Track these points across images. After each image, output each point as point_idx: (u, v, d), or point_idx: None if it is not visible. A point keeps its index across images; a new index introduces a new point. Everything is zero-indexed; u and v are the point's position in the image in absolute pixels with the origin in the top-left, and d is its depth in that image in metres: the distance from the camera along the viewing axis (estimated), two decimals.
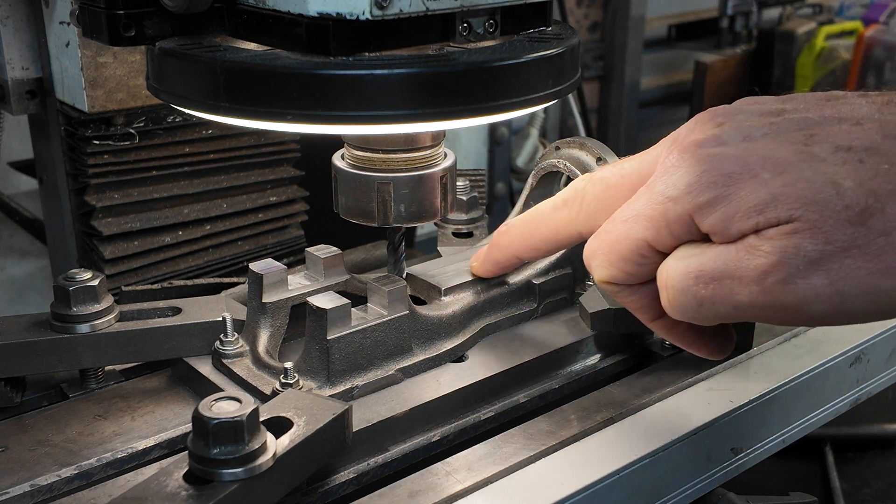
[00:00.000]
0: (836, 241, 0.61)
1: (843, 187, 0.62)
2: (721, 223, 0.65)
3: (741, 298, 0.64)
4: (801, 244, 0.62)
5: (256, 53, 0.74)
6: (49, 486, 0.77)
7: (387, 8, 0.69)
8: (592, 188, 0.79)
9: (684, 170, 0.67)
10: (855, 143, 0.64)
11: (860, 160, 0.63)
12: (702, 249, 0.67)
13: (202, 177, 1.24)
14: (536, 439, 0.83)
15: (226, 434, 0.64)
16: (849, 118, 0.66)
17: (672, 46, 2.96)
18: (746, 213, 0.63)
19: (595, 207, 0.79)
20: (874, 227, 0.61)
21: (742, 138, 0.67)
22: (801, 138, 0.66)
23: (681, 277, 0.67)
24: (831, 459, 1.15)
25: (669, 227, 0.68)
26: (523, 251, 0.90)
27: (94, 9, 0.76)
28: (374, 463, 0.80)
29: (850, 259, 0.61)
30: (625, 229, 0.71)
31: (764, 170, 0.64)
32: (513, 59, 0.75)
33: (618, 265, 0.72)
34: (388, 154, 0.85)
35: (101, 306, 0.87)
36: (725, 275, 0.65)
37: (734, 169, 0.65)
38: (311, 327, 0.82)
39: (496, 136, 2.06)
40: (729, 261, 0.64)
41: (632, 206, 0.71)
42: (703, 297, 0.66)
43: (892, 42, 2.59)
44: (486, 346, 0.94)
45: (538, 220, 0.86)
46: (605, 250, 0.73)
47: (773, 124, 0.68)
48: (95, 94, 1.12)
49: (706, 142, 0.68)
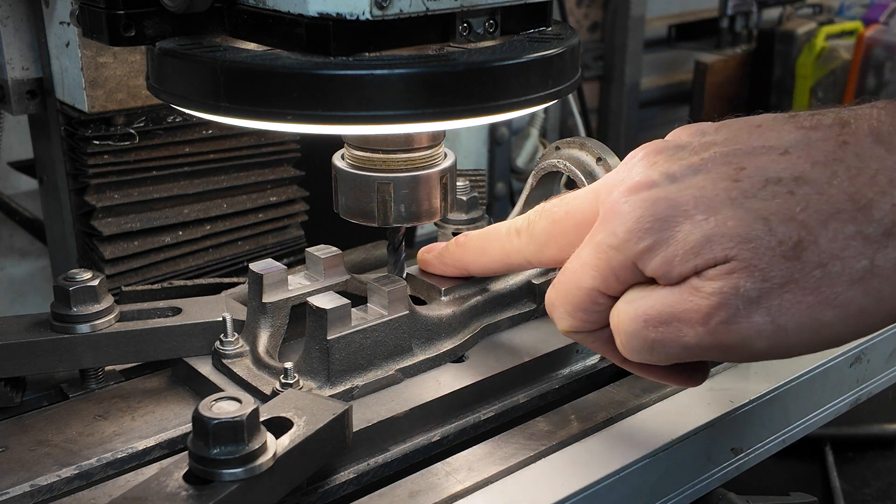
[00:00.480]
0: (772, 278, 0.62)
1: (773, 223, 0.62)
2: (662, 268, 0.66)
3: (688, 340, 0.65)
4: (740, 283, 0.62)
5: (256, 53, 0.74)
6: (49, 486, 0.77)
7: (387, 8, 0.69)
8: (540, 221, 0.82)
9: (622, 217, 0.68)
10: (784, 174, 0.64)
11: (790, 192, 0.63)
12: (648, 292, 0.68)
13: (202, 177, 1.24)
14: (536, 439, 0.83)
15: (226, 434, 0.64)
16: (777, 147, 0.66)
17: (672, 46, 2.96)
18: (684, 257, 0.64)
19: (542, 240, 0.82)
20: (809, 260, 0.62)
21: (673, 179, 0.68)
22: (730, 173, 0.66)
23: (630, 321, 0.69)
24: (831, 459, 1.15)
25: (615, 275, 0.70)
26: (473, 267, 0.93)
27: (94, 9, 0.76)
28: (374, 463, 0.80)
29: (789, 294, 0.62)
30: (575, 279, 0.73)
31: (697, 210, 0.65)
32: (513, 60, 0.75)
33: (575, 314, 0.75)
34: (388, 154, 0.85)
35: (101, 306, 0.87)
36: (672, 317, 0.66)
37: (668, 212, 0.66)
38: (311, 327, 0.82)
39: (496, 136, 2.06)
40: (674, 303, 0.66)
41: (579, 256, 0.73)
42: (654, 339, 0.67)
43: (892, 42, 2.59)
44: (486, 346, 0.94)
45: (492, 241, 0.89)
46: (561, 301, 0.75)
47: (703, 160, 0.68)
48: (95, 94, 1.12)
49: (640, 186, 0.69)
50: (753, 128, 0.70)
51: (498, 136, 2.06)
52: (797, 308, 0.62)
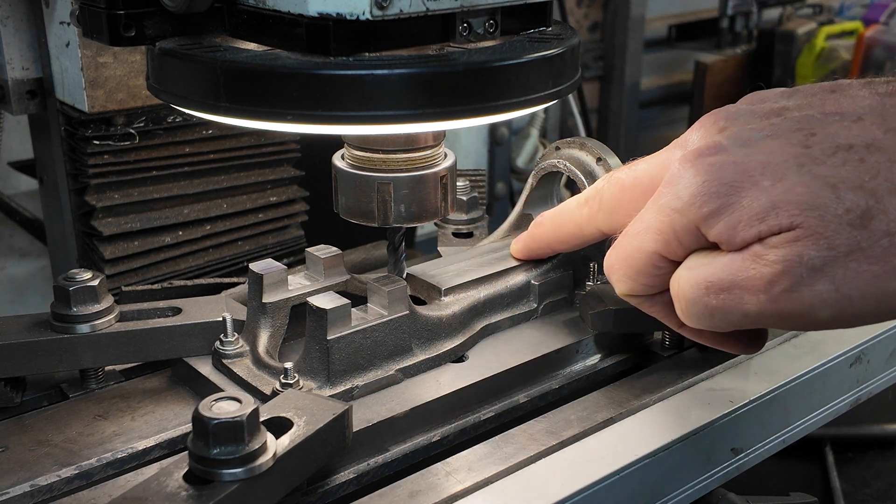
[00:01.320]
0: (838, 246, 0.61)
1: (842, 190, 0.61)
2: (726, 233, 0.65)
3: (750, 308, 0.65)
4: (804, 251, 0.61)
5: (256, 53, 0.74)
6: (49, 486, 0.77)
7: (387, 8, 0.69)
8: (609, 188, 0.82)
9: (687, 180, 0.67)
10: (855, 141, 0.63)
11: (861, 159, 0.62)
12: (710, 259, 0.67)
13: (202, 177, 1.24)
14: (536, 439, 0.83)
15: (226, 434, 0.64)
16: (850, 113, 0.66)
17: (672, 46, 2.96)
18: (749, 223, 0.64)
19: (611, 206, 0.82)
20: (877, 229, 0.61)
21: (742, 143, 0.67)
22: (800, 139, 0.65)
23: (691, 288, 0.68)
24: (831, 459, 1.15)
25: (678, 238, 0.69)
26: (553, 243, 0.95)
27: (95, 9, 0.76)
28: (374, 463, 0.80)
29: (855, 263, 0.61)
30: (636, 243, 0.72)
31: (763, 176, 0.64)
32: (513, 60, 0.75)
33: (635, 278, 0.74)
34: (388, 154, 0.85)
35: (101, 306, 0.87)
36: (734, 285, 0.65)
37: (735, 178, 0.65)
38: (312, 327, 0.82)
39: (496, 136, 2.06)
40: (736, 271, 0.65)
41: (641, 218, 0.72)
42: (714, 306, 0.67)
43: (892, 42, 2.59)
44: (487, 346, 0.94)
45: (565, 215, 0.90)
46: (621, 264, 0.74)
47: (774, 125, 0.68)
48: (95, 94, 1.12)
49: (707, 150, 0.68)
50: (828, 93, 0.69)
51: (498, 136, 2.06)
52: (862, 277, 0.61)
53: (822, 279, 0.61)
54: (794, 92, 0.72)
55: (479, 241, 1.08)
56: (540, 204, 1.04)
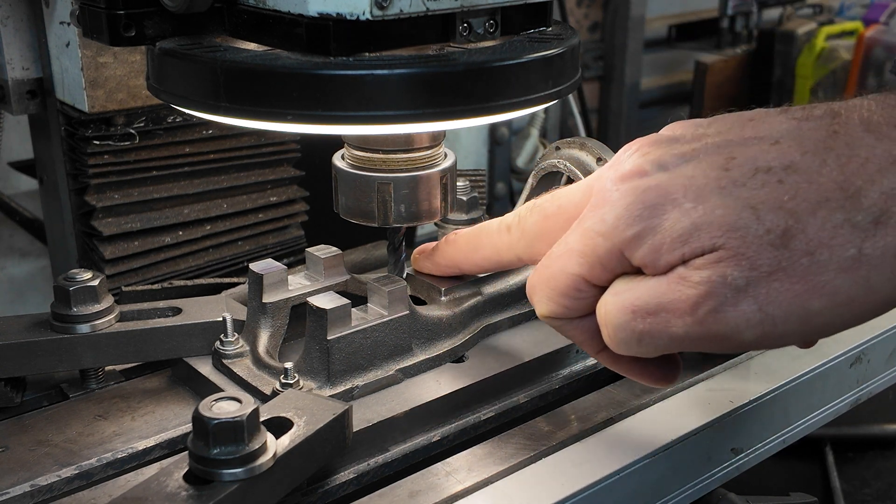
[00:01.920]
0: (760, 266, 0.62)
1: (762, 211, 0.62)
2: (650, 256, 0.66)
3: (676, 331, 0.65)
4: (727, 272, 0.62)
5: (256, 53, 0.74)
6: (49, 487, 0.77)
7: (387, 8, 0.69)
8: (531, 217, 0.81)
9: (612, 204, 0.68)
10: (774, 163, 0.64)
11: (780, 180, 0.63)
12: (636, 283, 0.67)
13: (202, 177, 1.24)
14: (536, 439, 0.83)
15: (226, 434, 0.64)
16: (768, 137, 0.66)
17: (672, 47, 2.96)
18: (672, 245, 0.64)
19: (534, 234, 0.81)
20: (796, 248, 0.61)
21: (663, 167, 0.68)
22: (721, 162, 0.66)
23: (618, 313, 0.68)
24: (831, 460, 1.15)
25: (602, 262, 0.69)
26: (464, 264, 0.92)
27: (95, 9, 0.76)
28: (374, 463, 0.80)
29: (777, 282, 0.62)
30: (560, 265, 0.72)
31: (685, 199, 0.65)
32: (513, 60, 0.75)
33: (556, 300, 0.74)
34: (388, 154, 0.85)
35: (101, 306, 0.87)
36: (660, 308, 0.65)
37: (657, 200, 0.66)
38: (312, 327, 0.82)
39: (496, 136, 2.05)
40: (662, 294, 0.65)
41: (565, 241, 0.72)
42: (642, 331, 0.66)
43: (892, 42, 2.59)
44: (487, 346, 0.94)
45: (483, 238, 0.88)
46: (543, 286, 0.74)
47: (695, 150, 0.68)
48: (96, 94, 1.12)
49: (631, 174, 0.69)
50: (746, 121, 0.70)
51: (498, 136, 2.06)
52: (785, 296, 0.62)
53: (746, 299, 0.62)
54: (714, 120, 0.72)
55: None
56: None
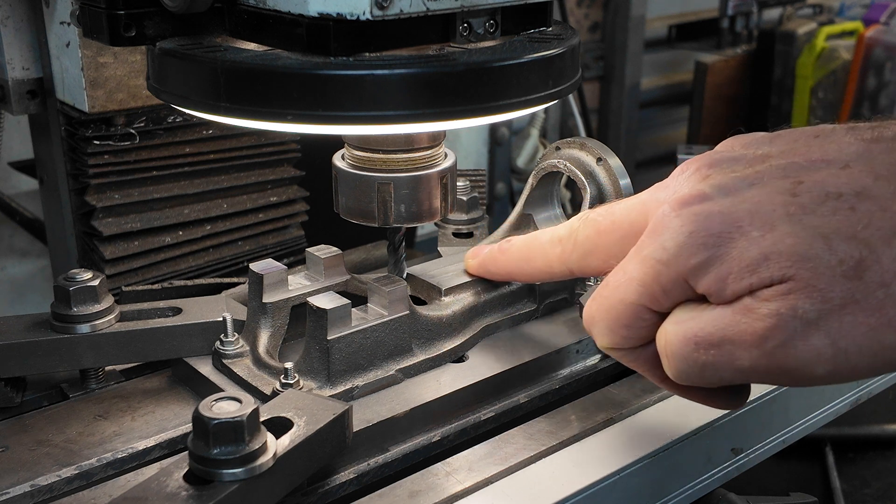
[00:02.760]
0: (832, 299, 0.59)
1: (834, 241, 0.60)
2: (715, 285, 0.63)
3: (742, 363, 0.62)
4: (798, 304, 0.60)
5: (257, 54, 0.74)
6: (49, 487, 0.77)
7: (387, 8, 0.69)
8: (584, 230, 0.79)
9: (672, 231, 0.65)
10: (845, 189, 0.62)
11: (851, 207, 0.61)
12: (699, 312, 0.65)
13: (202, 177, 1.24)
14: (536, 439, 0.83)
15: (226, 434, 0.64)
16: (837, 160, 0.64)
17: (672, 47, 2.96)
18: (739, 274, 0.62)
19: (586, 249, 0.79)
20: (871, 280, 0.59)
21: (727, 192, 0.65)
22: (788, 187, 0.63)
23: (680, 344, 0.65)
24: (831, 460, 1.15)
25: (664, 291, 0.66)
26: (517, 274, 0.91)
27: (95, 9, 0.76)
28: (374, 463, 0.80)
29: (850, 315, 0.59)
30: (619, 294, 0.69)
31: (752, 227, 0.62)
32: (513, 60, 0.75)
33: (617, 331, 0.71)
34: (388, 154, 0.85)
35: (101, 306, 0.87)
36: (725, 340, 0.63)
37: (722, 228, 0.63)
38: (312, 327, 0.82)
39: (496, 136, 2.05)
40: (727, 325, 0.63)
41: (624, 269, 0.69)
42: (705, 362, 0.64)
43: (892, 42, 2.59)
44: (487, 346, 0.94)
45: (535, 249, 0.86)
46: (602, 316, 0.72)
47: (759, 173, 0.66)
48: (96, 94, 1.12)
49: (691, 199, 0.66)
50: (811, 139, 0.67)
51: (498, 136, 2.06)
52: (858, 330, 0.59)
53: (818, 333, 0.60)
54: (776, 137, 0.70)
55: (480, 241, 1.08)
56: (540, 204, 1.04)
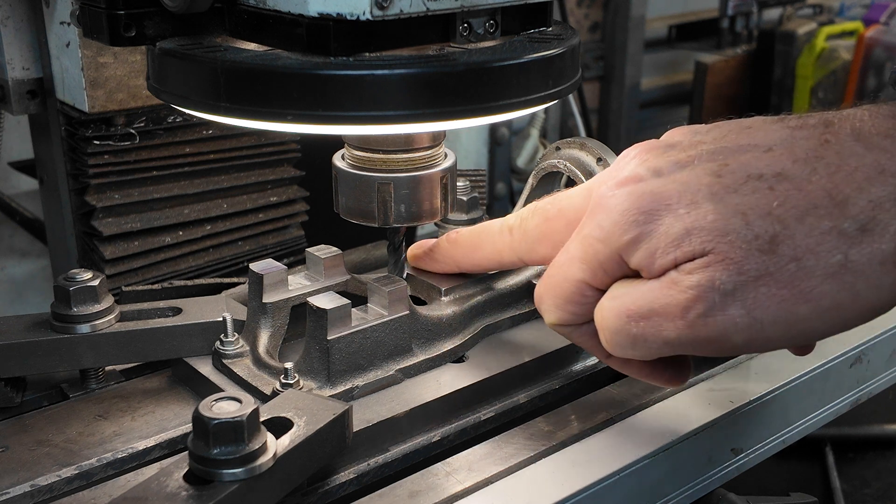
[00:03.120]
0: (748, 271, 0.63)
1: (751, 217, 0.64)
2: (645, 260, 0.68)
3: (669, 334, 0.67)
4: (716, 276, 0.64)
5: (257, 54, 0.74)
6: (49, 487, 0.77)
7: (387, 8, 0.69)
8: (532, 219, 0.83)
9: (608, 210, 0.70)
10: (766, 171, 0.66)
11: (770, 187, 0.65)
12: (632, 287, 0.69)
13: (202, 177, 1.24)
14: (536, 439, 0.83)
15: (226, 434, 0.64)
16: (762, 145, 0.68)
17: (672, 47, 2.96)
18: (665, 249, 0.66)
19: (534, 237, 0.83)
20: (784, 254, 0.63)
21: (658, 173, 0.70)
22: (714, 169, 0.68)
23: (613, 317, 0.70)
24: (832, 460, 1.15)
25: (602, 267, 0.71)
26: (465, 263, 0.94)
27: (95, 9, 0.76)
28: (374, 463, 0.80)
29: (764, 287, 0.63)
30: (563, 273, 0.74)
31: (679, 204, 0.67)
32: (513, 60, 0.75)
33: (563, 307, 0.76)
34: (388, 154, 0.85)
35: (101, 306, 0.87)
36: (653, 312, 0.67)
37: (651, 205, 0.67)
38: (312, 327, 0.82)
39: (496, 136, 2.05)
40: (655, 298, 0.67)
41: (567, 249, 0.74)
42: (636, 335, 0.69)
43: (892, 43, 2.59)
44: (487, 346, 0.94)
45: (484, 237, 0.90)
46: (549, 294, 0.77)
47: (690, 157, 0.70)
48: (96, 94, 1.12)
49: (627, 180, 0.71)
50: (743, 128, 0.71)
51: (498, 136, 2.06)
52: (772, 301, 0.63)
53: (734, 304, 0.64)
54: (713, 127, 0.74)
55: None
56: None
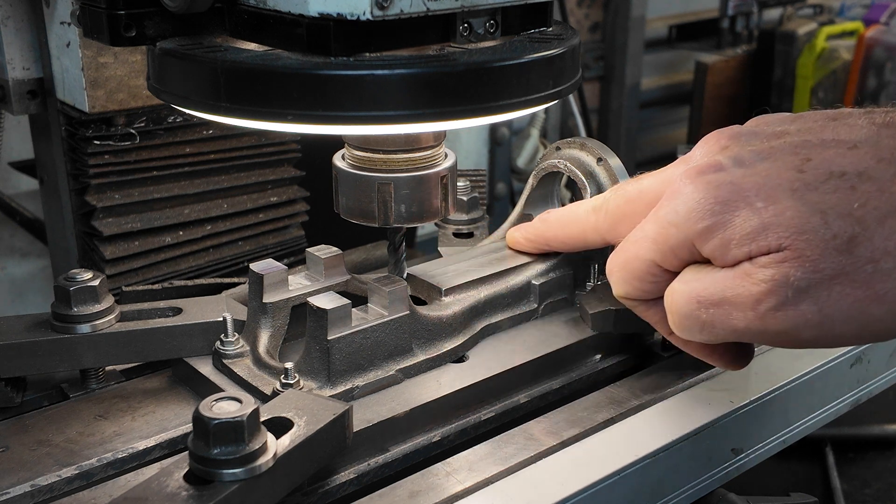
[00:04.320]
0: (823, 270, 0.64)
1: (830, 216, 0.64)
2: (718, 250, 0.68)
3: (738, 323, 0.67)
4: (791, 272, 0.64)
5: (257, 54, 0.74)
6: (49, 487, 0.77)
7: (388, 8, 0.69)
8: (615, 199, 0.84)
9: (685, 196, 0.70)
10: (848, 169, 0.66)
11: (852, 186, 0.65)
12: (704, 273, 0.70)
13: (203, 177, 1.24)
14: (536, 439, 0.83)
15: (226, 434, 0.64)
16: (846, 141, 0.68)
17: (673, 47, 2.96)
18: (740, 241, 0.66)
19: (616, 217, 0.84)
20: (861, 255, 0.63)
21: (740, 164, 0.70)
22: (796, 163, 0.68)
23: (684, 302, 0.71)
24: (832, 460, 1.15)
25: (673, 251, 0.72)
26: (554, 242, 0.96)
27: (95, 9, 0.76)
28: (374, 463, 0.80)
29: (839, 286, 0.64)
30: (635, 250, 0.75)
31: (757, 198, 0.67)
32: (513, 60, 0.75)
33: (631, 283, 0.77)
34: (388, 154, 0.85)
35: (101, 306, 0.87)
36: (724, 301, 0.68)
37: (729, 196, 0.68)
38: (312, 327, 0.82)
39: (497, 136, 2.05)
40: (727, 287, 0.68)
41: (642, 228, 0.75)
42: (705, 321, 0.70)
43: (892, 43, 2.59)
44: (487, 346, 0.94)
45: (572, 218, 0.92)
46: (619, 268, 0.78)
47: (773, 148, 0.70)
48: (96, 94, 1.12)
49: (707, 168, 0.71)
50: (828, 120, 0.71)
51: (498, 136, 2.06)
52: (846, 300, 0.63)
53: (807, 300, 0.64)
54: (798, 118, 0.74)
55: (480, 241, 1.08)
56: (540, 204, 1.04)
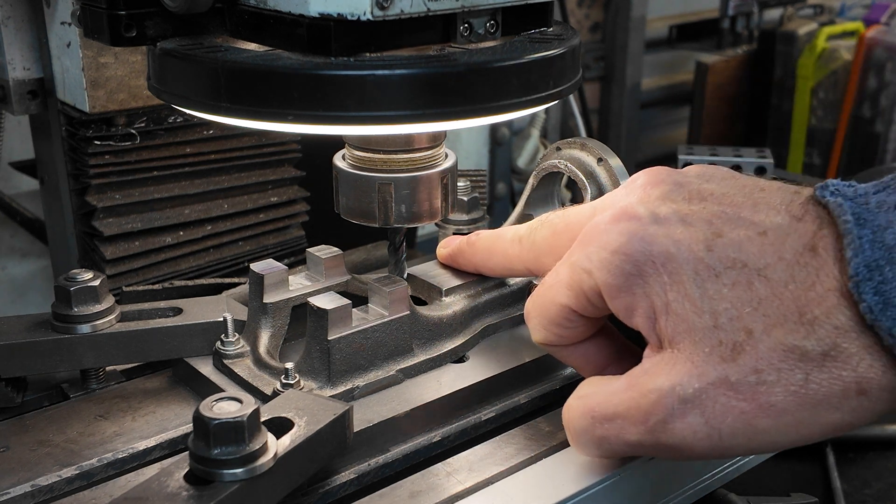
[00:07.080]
0: (707, 376, 0.62)
1: (722, 318, 0.62)
2: (623, 311, 0.68)
3: (630, 438, 0.66)
4: (676, 379, 0.63)
5: (257, 54, 0.74)
6: (50, 487, 0.77)
7: (388, 8, 0.69)
8: (542, 231, 0.82)
9: (599, 244, 0.69)
10: (750, 261, 0.63)
11: (749, 283, 0.63)
12: (598, 387, 0.70)
13: (203, 177, 1.24)
14: (537, 440, 0.83)
15: (227, 434, 0.64)
16: (758, 224, 0.65)
17: (673, 47, 2.96)
18: (643, 315, 0.66)
19: (541, 249, 0.82)
20: (745, 365, 0.61)
21: (656, 220, 0.68)
22: (708, 237, 0.65)
23: (578, 416, 0.71)
24: (832, 460, 1.15)
25: (587, 297, 0.71)
26: (481, 268, 0.94)
27: (96, 9, 0.77)
28: (374, 463, 0.80)
29: (723, 397, 0.62)
30: (550, 295, 0.74)
31: (664, 270, 0.65)
32: (514, 60, 0.75)
33: (549, 328, 0.76)
34: (389, 154, 0.85)
35: (102, 306, 0.87)
36: (617, 415, 0.67)
37: (640, 257, 0.66)
38: (312, 328, 0.82)
39: (497, 136, 2.05)
40: (619, 402, 0.67)
41: (557, 272, 0.73)
42: (600, 436, 0.69)
43: (893, 43, 2.59)
44: (487, 346, 0.94)
45: (498, 247, 0.89)
46: (537, 313, 0.76)
47: (692, 213, 0.68)
48: (96, 94, 1.12)
49: (623, 215, 0.69)
50: (757, 191, 0.68)
51: (499, 136, 2.06)
52: (731, 413, 0.62)
53: (693, 411, 0.63)
54: (732, 178, 0.71)
55: None
56: (541, 204, 1.04)
